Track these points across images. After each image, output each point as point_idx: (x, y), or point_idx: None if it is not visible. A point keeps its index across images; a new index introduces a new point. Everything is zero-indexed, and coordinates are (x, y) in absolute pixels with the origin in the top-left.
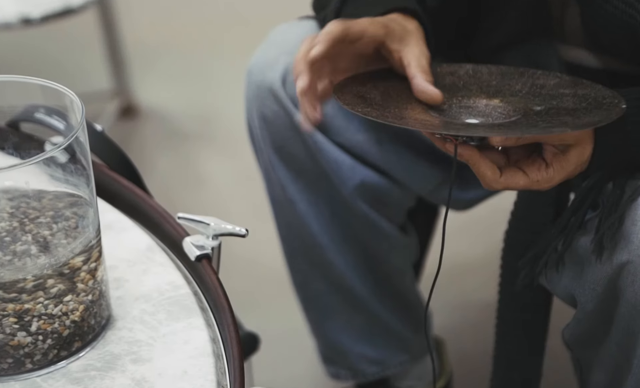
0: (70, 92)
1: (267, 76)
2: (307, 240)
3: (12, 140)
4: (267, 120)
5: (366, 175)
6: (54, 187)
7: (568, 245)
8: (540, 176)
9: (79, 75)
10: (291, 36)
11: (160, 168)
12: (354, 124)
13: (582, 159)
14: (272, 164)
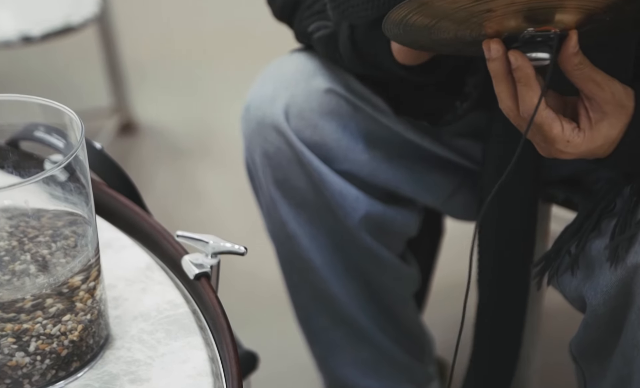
0: (70, 110)
1: (268, 111)
2: (309, 275)
3: (12, 158)
4: (269, 155)
5: (371, 205)
6: (53, 206)
7: (582, 248)
8: (572, 137)
9: (78, 92)
10: (287, 70)
11: (159, 184)
12: (360, 144)
13: (611, 135)
14: (273, 200)
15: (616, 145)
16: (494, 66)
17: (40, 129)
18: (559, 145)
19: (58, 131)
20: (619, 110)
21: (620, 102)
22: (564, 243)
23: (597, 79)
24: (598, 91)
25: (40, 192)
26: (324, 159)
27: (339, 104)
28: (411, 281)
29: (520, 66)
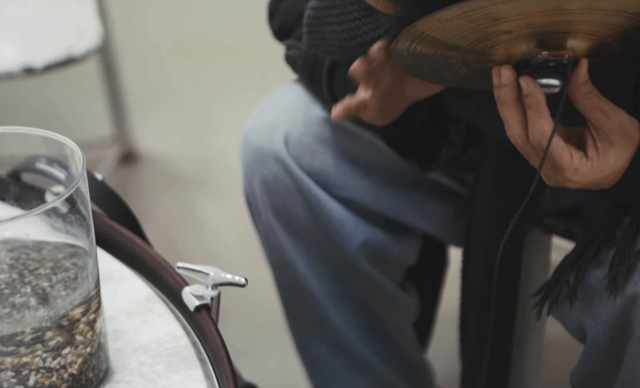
0: (71, 142)
1: (267, 139)
2: (308, 303)
3: (14, 190)
4: (268, 183)
5: (370, 232)
6: (54, 238)
7: (580, 278)
8: (580, 165)
9: (80, 122)
10: (286, 99)
11: (160, 213)
12: (360, 169)
13: (617, 166)
14: (271, 228)
15: (621, 175)
16: (503, 93)
17: (41, 161)
18: (567, 174)
19: (59, 162)
20: (625, 140)
21: (627, 133)
22: (563, 273)
23: (604, 108)
24: (606, 121)
25: (42, 223)
26: (323, 186)
27: (338, 132)
28: (411, 310)
29: (532, 92)
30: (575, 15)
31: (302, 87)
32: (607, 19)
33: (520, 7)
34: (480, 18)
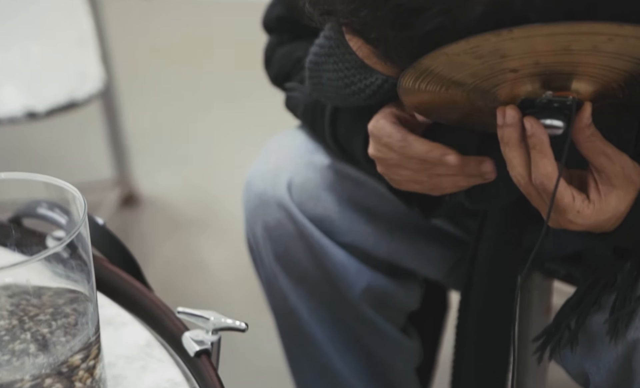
0: (73, 188)
1: (270, 185)
2: (310, 349)
3: (15, 236)
4: (270, 229)
5: (372, 278)
6: (54, 283)
7: (581, 323)
8: (582, 207)
9: (81, 164)
10: (288, 145)
11: (160, 256)
12: (363, 215)
13: (619, 209)
14: (273, 274)
15: (623, 219)
16: (507, 133)
17: (42, 206)
18: (569, 216)
19: (61, 207)
20: (627, 183)
21: (629, 177)
22: (564, 317)
23: (607, 152)
24: (608, 164)
25: (42, 269)
26: (326, 232)
27: (341, 178)
28: (413, 355)
29: (536, 132)
30: (581, 56)
31: (305, 133)
32: (613, 62)
33: (527, 44)
34: (488, 54)
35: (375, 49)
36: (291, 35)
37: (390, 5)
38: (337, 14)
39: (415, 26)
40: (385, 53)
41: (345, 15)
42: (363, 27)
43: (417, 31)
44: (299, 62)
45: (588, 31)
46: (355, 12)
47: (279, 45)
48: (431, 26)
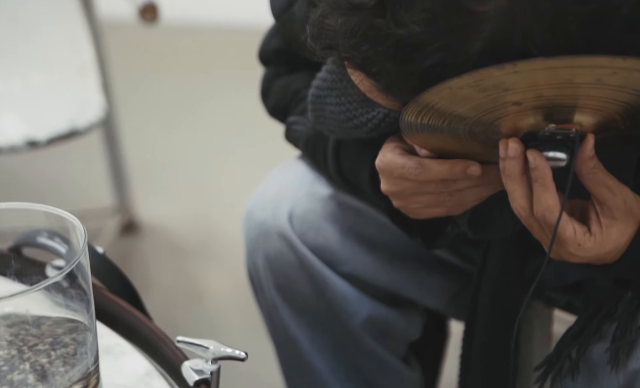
0: (73, 217)
1: (271, 215)
2: (311, 379)
3: (14, 266)
4: (271, 259)
5: (373, 308)
6: (54, 313)
7: (583, 352)
8: (583, 240)
9: (81, 192)
10: (289, 175)
11: (160, 284)
12: (364, 245)
13: (620, 242)
14: (274, 303)
15: (624, 252)
16: (509, 165)
17: (42, 235)
18: (570, 248)
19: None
20: (629, 217)
21: (630, 210)
22: (565, 346)
23: (609, 184)
24: (610, 197)
25: (42, 298)
26: (327, 262)
27: (342, 208)
28: (414, 385)
29: (539, 166)
30: (584, 89)
31: (305, 164)
32: (616, 95)
33: (531, 78)
34: (491, 88)
35: (377, 83)
36: (288, 67)
37: (391, 40)
38: (339, 49)
39: (416, 61)
40: (387, 87)
41: (346, 50)
42: (364, 62)
43: (418, 66)
44: (297, 94)
45: (592, 64)
46: (356, 47)
47: (276, 77)
48: (432, 61)
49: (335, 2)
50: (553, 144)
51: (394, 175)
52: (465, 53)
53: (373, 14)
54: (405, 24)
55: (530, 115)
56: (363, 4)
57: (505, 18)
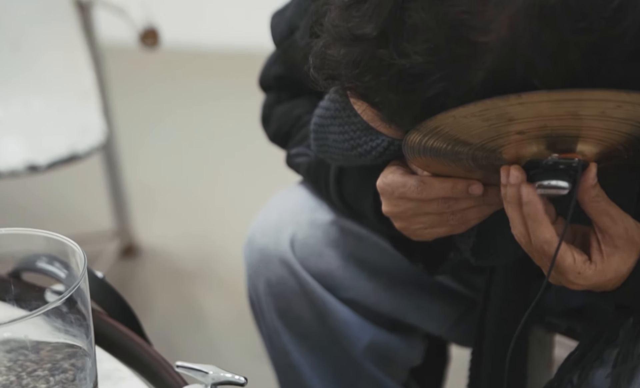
0: (72, 242)
1: (272, 241)
2: None
3: (14, 291)
4: (272, 285)
5: (375, 334)
6: (53, 338)
7: (584, 378)
8: (583, 269)
9: (81, 215)
10: (291, 201)
11: (160, 308)
12: (366, 271)
13: (621, 270)
14: (275, 329)
15: (625, 279)
16: (510, 192)
17: (42, 260)
18: (570, 276)
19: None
20: (630, 245)
21: (632, 238)
22: (566, 372)
23: (611, 213)
24: (612, 225)
25: (41, 324)
26: (328, 288)
27: (344, 234)
28: None
29: (531, 201)
30: (588, 121)
31: (307, 189)
32: (619, 126)
33: (535, 109)
34: (495, 117)
35: (380, 112)
36: (289, 94)
37: (394, 70)
38: (342, 79)
39: (419, 91)
40: (390, 116)
41: (349, 80)
42: (367, 92)
43: (421, 96)
44: (299, 120)
45: (596, 98)
46: (359, 77)
47: (277, 104)
48: (434, 91)
49: (337, 33)
50: (555, 172)
51: (395, 195)
52: (467, 83)
53: (375, 45)
54: (408, 55)
55: (533, 144)
56: (365, 35)
57: (507, 49)
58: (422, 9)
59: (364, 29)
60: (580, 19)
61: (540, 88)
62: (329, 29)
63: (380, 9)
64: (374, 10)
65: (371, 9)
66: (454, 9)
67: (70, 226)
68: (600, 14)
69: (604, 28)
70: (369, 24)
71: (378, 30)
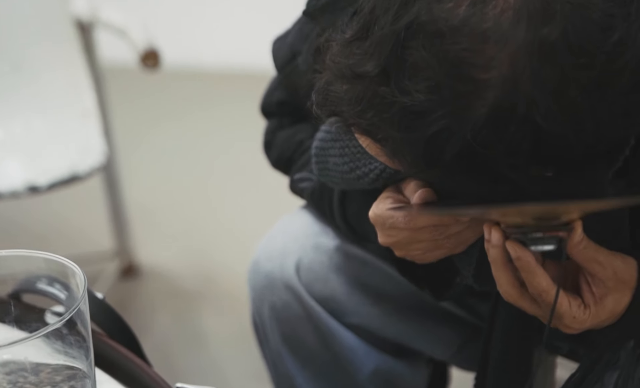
0: (73, 263)
1: (278, 266)
2: None
3: (14, 312)
4: (277, 310)
5: (380, 360)
6: (52, 360)
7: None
8: (578, 313)
9: (81, 235)
10: (296, 227)
11: (160, 328)
12: (371, 297)
13: (616, 310)
14: (279, 354)
15: (620, 317)
16: (492, 253)
17: (42, 281)
18: (565, 321)
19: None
20: (621, 286)
21: (622, 279)
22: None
23: (600, 259)
24: (600, 270)
25: (41, 345)
26: (333, 313)
27: (349, 260)
28: None
29: (521, 256)
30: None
31: (311, 214)
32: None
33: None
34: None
35: (383, 147)
36: (292, 119)
37: (396, 108)
38: (344, 115)
39: (421, 128)
40: (393, 152)
41: (352, 116)
42: (370, 128)
43: (423, 133)
44: (301, 145)
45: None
46: (361, 114)
47: (279, 129)
48: (436, 128)
49: (339, 70)
50: (540, 239)
51: (386, 226)
52: (470, 120)
53: (377, 83)
54: (409, 92)
55: (517, 217)
56: (366, 73)
57: (509, 85)
58: (422, 47)
59: (365, 67)
60: (580, 55)
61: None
62: (331, 65)
63: (381, 46)
64: (375, 48)
65: (372, 46)
66: (454, 47)
67: (70, 246)
68: (600, 48)
69: (604, 62)
70: (370, 62)
71: (379, 68)
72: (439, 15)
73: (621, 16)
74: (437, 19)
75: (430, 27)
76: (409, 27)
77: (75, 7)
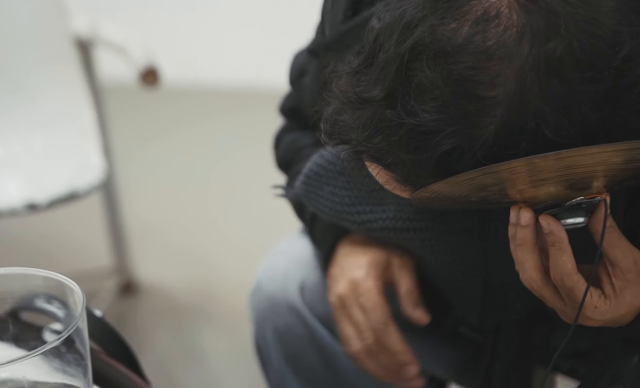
0: (71, 281)
1: (280, 287)
2: None
3: (12, 330)
4: (280, 331)
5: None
6: (51, 378)
7: None
8: (599, 303)
9: (79, 252)
10: (298, 248)
11: (159, 345)
12: None
13: (634, 304)
14: (283, 376)
15: (637, 314)
16: (522, 234)
17: (40, 299)
18: (587, 311)
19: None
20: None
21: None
22: None
23: (622, 245)
24: (622, 258)
25: (39, 363)
26: (337, 334)
27: None
28: None
29: (554, 230)
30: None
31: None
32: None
33: (564, 163)
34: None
35: (394, 173)
36: (300, 124)
37: (404, 130)
38: (352, 143)
39: (430, 148)
40: (404, 177)
41: (360, 143)
42: (379, 154)
43: (433, 152)
44: (299, 153)
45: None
46: (369, 139)
47: (288, 131)
48: (446, 147)
49: (345, 97)
50: (572, 210)
51: (359, 299)
52: (479, 137)
53: (383, 106)
54: (416, 113)
55: (551, 186)
56: (373, 97)
57: (516, 102)
58: (427, 67)
59: (371, 92)
60: (588, 70)
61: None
62: (338, 94)
63: (386, 70)
64: (380, 73)
65: (377, 71)
66: (458, 65)
67: (69, 263)
68: (608, 63)
69: (613, 77)
70: (376, 87)
71: (385, 92)
72: (443, 36)
73: (629, 33)
74: (441, 39)
75: (434, 47)
76: (413, 49)
77: (75, 25)
